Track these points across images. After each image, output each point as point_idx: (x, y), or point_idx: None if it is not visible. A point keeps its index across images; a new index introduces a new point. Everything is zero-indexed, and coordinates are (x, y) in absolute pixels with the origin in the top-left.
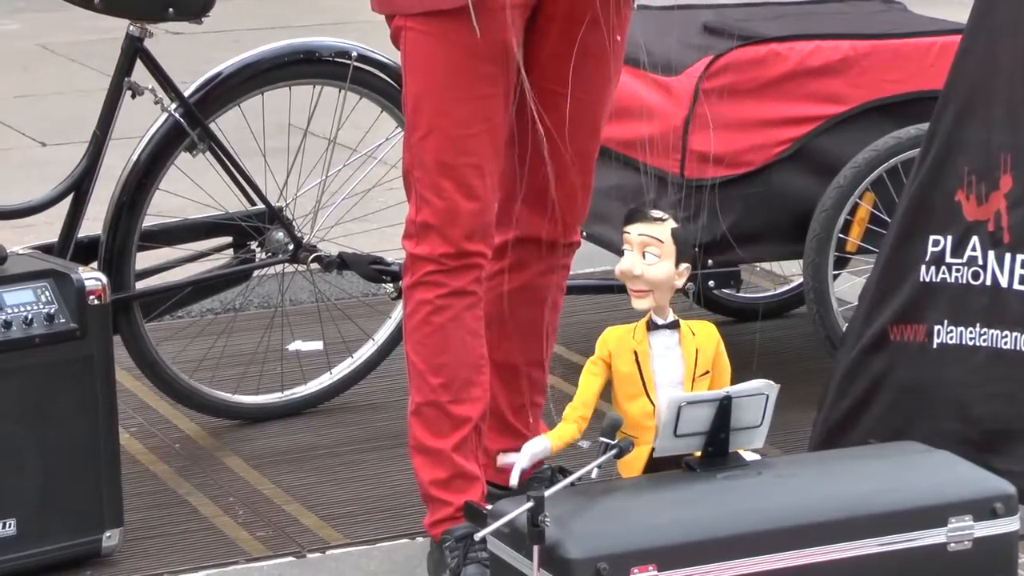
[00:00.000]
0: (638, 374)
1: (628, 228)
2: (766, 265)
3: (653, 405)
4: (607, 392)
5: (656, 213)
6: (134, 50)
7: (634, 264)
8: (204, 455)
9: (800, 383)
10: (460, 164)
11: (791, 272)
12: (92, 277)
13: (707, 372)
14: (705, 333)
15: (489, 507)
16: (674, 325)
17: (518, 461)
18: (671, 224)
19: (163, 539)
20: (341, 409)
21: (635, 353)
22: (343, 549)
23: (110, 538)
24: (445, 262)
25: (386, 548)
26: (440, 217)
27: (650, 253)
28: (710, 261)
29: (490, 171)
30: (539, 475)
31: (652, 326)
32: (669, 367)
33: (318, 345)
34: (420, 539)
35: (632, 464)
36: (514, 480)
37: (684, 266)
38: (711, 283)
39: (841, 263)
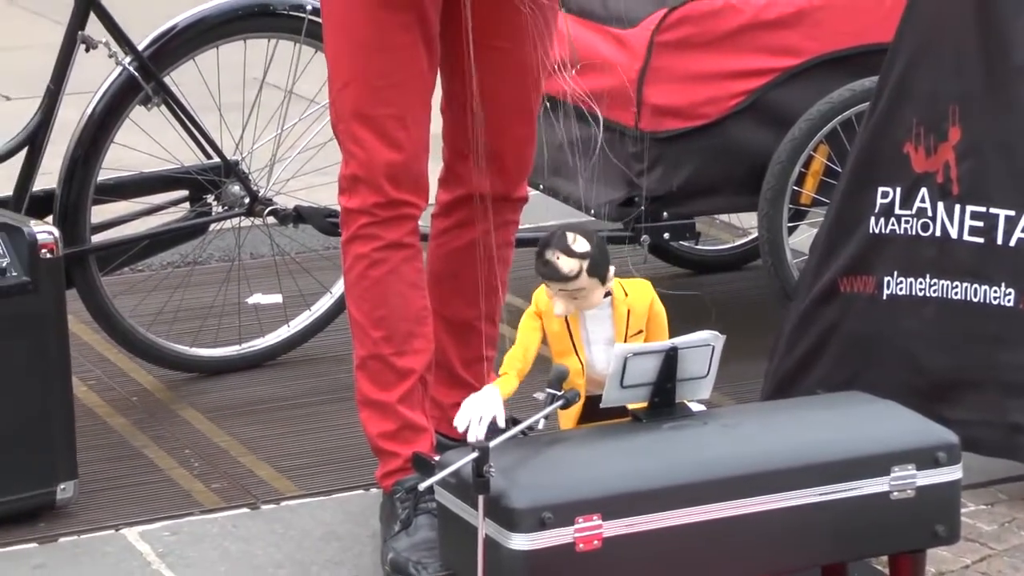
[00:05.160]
0: (567, 334)
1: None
2: (725, 217)
3: (582, 364)
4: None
5: (566, 267)
6: (87, 3)
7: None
8: (161, 408)
9: (757, 335)
10: (379, 115)
11: (750, 225)
12: (44, 230)
13: (640, 331)
14: (638, 292)
15: (437, 458)
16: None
17: (472, 417)
18: (582, 267)
19: (119, 491)
20: (298, 362)
21: None
22: (298, 500)
23: (64, 490)
24: (377, 213)
25: (340, 499)
26: (365, 168)
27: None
28: (665, 214)
29: (414, 122)
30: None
31: None
32: (600, 328)
33: (277, 298)
34: (374, 490)
35: (568, 416)
36: (480, 433)
37: (611, 270)
38: (666, 235)
39: (798, 215)
